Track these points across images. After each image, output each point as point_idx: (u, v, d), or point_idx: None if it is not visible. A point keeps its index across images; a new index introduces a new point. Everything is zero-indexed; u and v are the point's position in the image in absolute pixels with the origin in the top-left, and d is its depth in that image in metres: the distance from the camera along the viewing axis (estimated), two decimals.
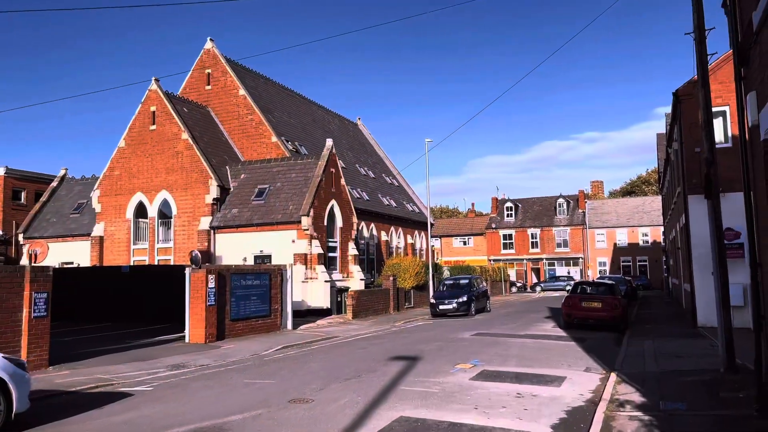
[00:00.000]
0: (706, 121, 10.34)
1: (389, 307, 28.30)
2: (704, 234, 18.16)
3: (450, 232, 72.87)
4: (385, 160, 49.50)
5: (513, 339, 16.65)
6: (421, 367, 11.77)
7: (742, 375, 9.59)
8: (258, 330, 18.96)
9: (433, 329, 20.33)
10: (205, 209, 27.24)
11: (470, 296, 26.72)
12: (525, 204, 70.31)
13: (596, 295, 19.37)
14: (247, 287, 18.56)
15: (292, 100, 39.25)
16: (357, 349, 15.28)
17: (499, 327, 20.45)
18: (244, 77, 33.73)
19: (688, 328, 18.28)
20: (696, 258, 18.14)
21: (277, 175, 27.77)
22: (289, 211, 25.84)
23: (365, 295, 26.24)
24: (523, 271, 66.61)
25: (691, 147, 18.31)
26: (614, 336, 17.61)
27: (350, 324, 22.92)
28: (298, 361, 13.16)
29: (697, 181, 18.16)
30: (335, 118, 45.40)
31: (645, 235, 63.31)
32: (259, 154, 30.89)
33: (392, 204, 41.62)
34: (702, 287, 17.99)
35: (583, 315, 18.94)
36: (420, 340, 16.72)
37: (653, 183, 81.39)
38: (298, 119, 37.46)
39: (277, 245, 25.62)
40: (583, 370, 11.52)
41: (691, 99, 18.44)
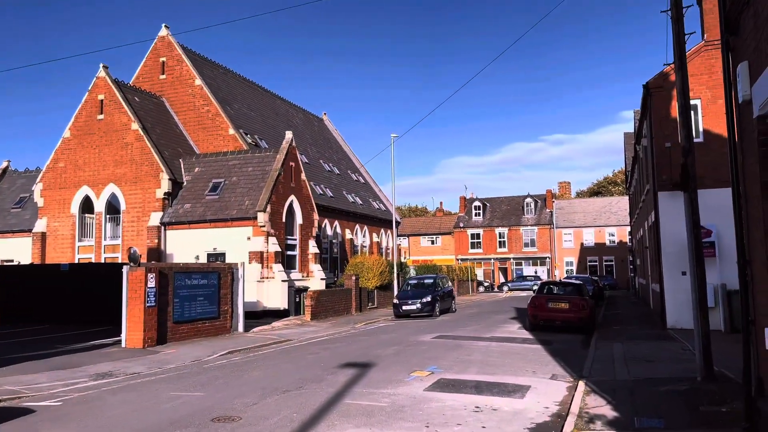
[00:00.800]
0: (683, 106, 9.48)
1: (351, 308, 27.16)
2: (674, 232, 17.50)
3: (418, 231, 72.05)
4: (352, 156, 48.31)
5: (476, 342, 15.68)
6: (373, 376, 10.66)
7: (722, 385, 8.74)
8: (205, 333, 17.61)
9: (393, 331, 19.26)
10: (155, 204, 25.67)
11: (435, 296, 25.77)
12: (493, 203, 69.89)
13: (563, 296, 18.56)
14: (192, 287, 17.19)
15: (253, 92, 37.77)
16: (308, 354, 14.10)
17: (463, 329, 19.49)
18: (201, 67, 32.16)
19: (658, 329, 17.59)
20: (666, 257, 17.47)
21: (233, 169, 26.36)
22: (244, 206, 24.47)
23: (325, 296, 25.04)
24: (491, 271, 66.15)
25: (661, 142, 17.63)
26: (582, 338, 16.81)
27: (308, 326, 21.71)
28: (240, 369, 11.92)
29: (668, 177, 17.49)
30: (299, 112, 44.03)
31: (611, 235, 63.45)
32: (215, 147, 29.39)
33: (358, 201, 40.46)
34: (672, 288, 17.33)
35: (549, 316, 18.10)
36: (378, 344, 15.63)
37: (620, 183, 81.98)
38: (259, 112, 36.01)
39: (232, 243, 24.24)
40: (549, 378, 10.57)
41: (661, 92, 17.77)
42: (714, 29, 17.02)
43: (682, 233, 17.58)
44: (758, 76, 5.55)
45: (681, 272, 17.21)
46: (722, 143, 17.12)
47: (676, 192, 17.38)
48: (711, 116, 17.25)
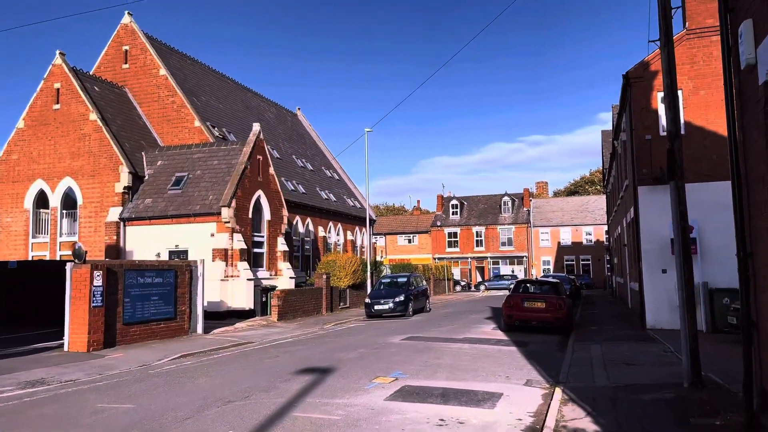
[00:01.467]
0: (670, 87, 8.66)
1: (321, 308, 26.11)
2: (654, 228, 16.82)
3: (395, 230, 71.17)
4: (326, 152, 47.18)
5: (448, 344, 14.78)
6: (331, 383, 9.67)
7: (711, 392, 7.92)
8: (160, 335, 16.44)
9: (362, 332, 18.28)
10: (114, 199, 24.33)
11: (408, 295, 24.86)
12: (470, 202, 69.30)
13: (539, 295, 17.76)
14: (146, 286, 16.01)
15: (223, 84, 36.46)
16: (267, 358, 13.05)
17: (436, 329, 18.60)
18: (167, 57, 30.80)
19: (637, 330, 16.88)
20: (645, 255, 16.77)
21: (197, 162, 25.12)
22: (208, 201, 23.27)
23: (294, 295, 23.96)
24: (468, 270, 65.53)
25: (641, 134, 16.93)
26: (558, 339, 16.02)
27: (273, 327, 20.62)
28: (187, 375, 10.84)
29: (648, 171, 16.80)
30: (272, 106, 42.78)
31: (588, 234, 63.27)
32: (180, 139, 28.09)
33: (331, 198, 39.39)
34: (651, 286, 16.63)
35: (525, 316, 17.29)
36: (343, 347, 14.63)
37: (597, 183, 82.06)
38: (228, 105, 34.73)
39: (195, 239, 23.02)
40: (523, 384, 9.69)
41: (642, 82, 17.06)
42: (697, 17, 16.37)
43: (663, 229, 16.92)
44: (765, 36, 4.70)
45: (661, 270, 16.55)
46: (704, 136, 16.47)
47: (657, 186, 16.71)
48: (693, 108, 16.59)
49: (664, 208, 16.59)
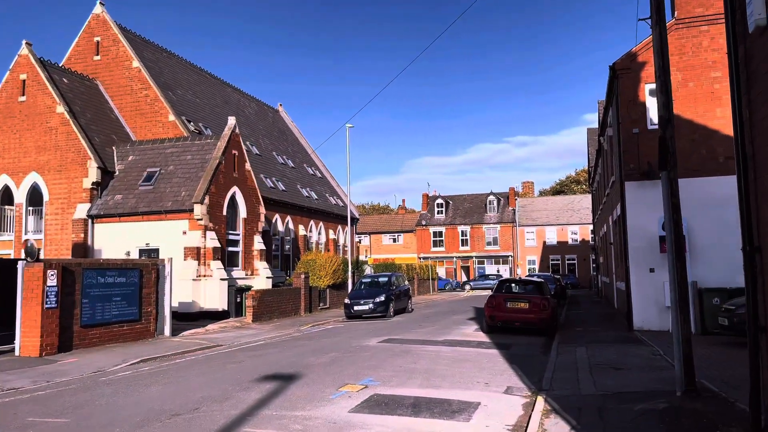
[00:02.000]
0: (662, 68, 7.95)
1: (300, 309, 25.25)
2: (642, 225, 16.18)
3: (380, 229, 70.38)
4: (309, 150, 46.27)
5: (426, 347, 14.02)
6: (294, 392, 8.85)
7: (706, 402, 7.22)
8: (123, 338, 15.51)
9: (339, 334, 17.47)
10: (82, 195, 23.27)
11: (389, 295, 24.08)
12: (456, 201, 68.72)
13: (523, 295, 17.06)
14: (107, 286, 15.07)
15: (201, 79, 35.43)
16: (231, 362, 12.20)
17: (416, 331, 17.84)
18: (141, 49, 29.74)
19: (624, 331, 16.23)
20: (632, 253, 16.12)
21: (170, 158, 24.14)
22: (180, 198, 22.31)
23: (270, 295, 23.07)
24: (453, 269, 64.93)
25: (628, 127, 16.28)
26: (542, 341, 15.33)
27: (247, 329, 19.74)
28: (140, 383, 9.96)
29: (635, 165, 16.16)
30: (253, 102, 41.79)
31: (574, 234, 62.94)
32: (154, 134, 27.08)
33: (313, 196, 38.50)
34: (639, 286, 15.99)
35: (508, 317, 16.58)
36: (316, 350, 13.81)
37: (582, 182, 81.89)
38: (206, 100, 33.73)
39: (167, 237, 22.06)
40: (502, 392, 8.94)
41: (629, 73, 16.42)
42: (686, 5, 15.76)
43: (651, 226, 16.30)
44: None
45: (649, 269, 15.93)
46: (693, 129, 15.85)
47: (645, 182, 16.08)
48: (681, 100, 15.95)
49: (652, 204, 15.98)
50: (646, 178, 15.89)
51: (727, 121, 15.59)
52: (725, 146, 15.49)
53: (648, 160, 15.81)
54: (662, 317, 15.70)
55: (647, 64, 16.22)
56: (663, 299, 15.62)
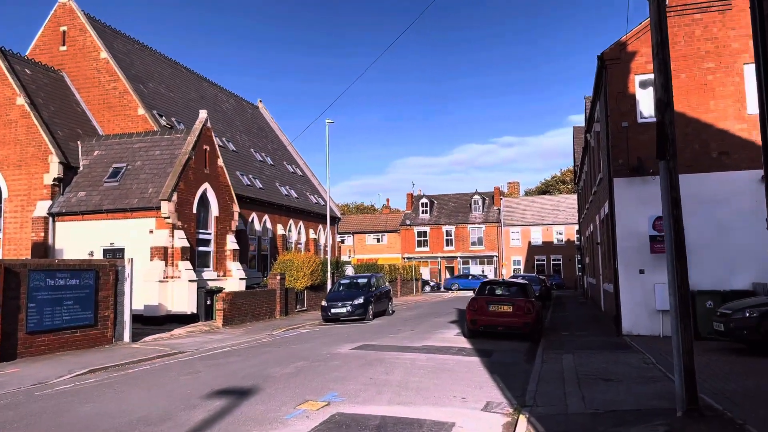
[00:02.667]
0: (660, 44, 7.04)
1: (275, 312, 24.15)
2: (631, 224, 15.34)
3: (363, 229, 69.34)
4: (289, 147, 45.11)
5: (403, 354, 13.03)
6: (246, 410, 7.82)
7: (711, 424, 6.30)
8: (77, 345, 14.35)
9: (312, 339, 16.44)
10: (43, 192, 22.01)
11: (368, 297, 23.09)
12: (440, 201, 67.91)
13: (506, 298, 16.13)
14: (58, 289, 13.91)
15: (176, 72, 34.15)
16: (186, 373, 11.12)
17: (394, 336, 16.85)
18: (111, 40, 28.45)
19: (612, 336, 15.37)
20: (621, 253, 15.27)
21: (137, 153, 22.93)
22: (147, 195, 21.14)
23: (242, 298, 21.95)
24: (438, 270, 64.08)
25: (617, 121, 15.42)
26: (527, 347, 14.43)
27: (216, 333, 18.63)
28: (76, 399, 8.86)
29: (624, 161, 15.31)
30: (231, 97, 40.56)
31: (559, 234, 62.39)
32: (122, 128, 25.83)
33: (293, 194, 37.38)
34: (628, 288, 15.14)
35: (490, 321, 15.66)
36: (282, 358, 12.77)
37: (568, 182, 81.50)
38: (181, 94, 32.47)
39: (132, 237, 20.87)
40: (481, 408, 7.99)
41: (618, 64, 15.56)
42: None
43: (641, 225, 15.45)
44: None
45: (639, 270, 15.08)
46: (685, 123, 15.04)
47: (634, 178, 15.24)
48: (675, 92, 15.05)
49: (643, 201, 15.15)
50: (635, 174, 15.05)
51: (720, 114, 14.80)
52: (719, 141, 14.70)
53: (638, 155, 14.97)
54: (652, 321, 14.88)
55: (637, 54, 15.39)
56: (653, 302, 14.79)
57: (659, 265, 14.78)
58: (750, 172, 14.41)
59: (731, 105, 14.79)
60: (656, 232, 14.56)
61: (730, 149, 14.66)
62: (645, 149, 15.06)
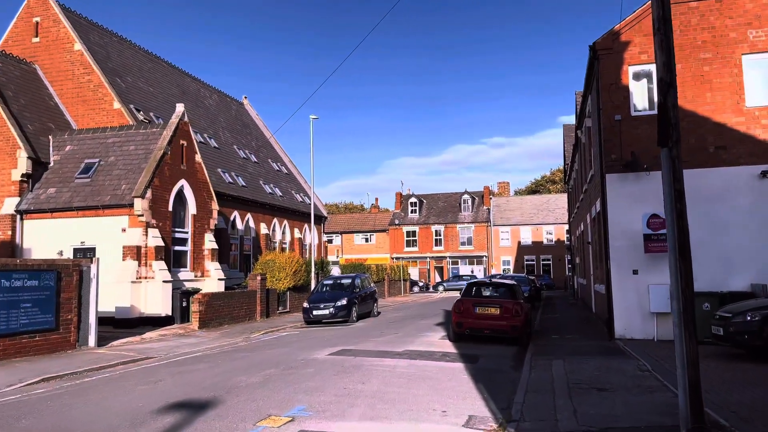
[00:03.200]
0: (662, 19, 6.29)
1: (255, 313, 23.27)
2: (625, 222, 14.61)
3: (351, 229, 68.49)
4: (275, 145, 44.17)
5: (383, 360, 12.23)
6: (199, 427, 6.98)
7: None
8: (36, 350, 13.42)
9: (289, 344, 15.60)
10: (11, 188, 21.00)
11: (352, 299, 22.28)
12: (429, 200, 67.19)
13: (494, 299, 15.36)
14: (15, 290, 12.98)
15: (156, 67, 33.13)
16: (145, 383, 10.24)
17: (376, 339, 16.05)
18: (86, 32, 27.43)
19: (604, 340, 14.65)
20: (614, 253, 14.54)
21: (111, 148, 21.97)
22: (121, 191, 20.19)
23: (220, 299, 21.05)
24: (427, 270, 63.37)
25: (610, 114, 14.70)
26: (514, 351, 13.68)
27: (190, 336, 17.75)
28: (16, 413, 7.97)
29: (617, 156, 14.59)
30: (214, 93, 39.57)
31: (549, 234, 61.84)
32: (97, 123, 24.84)
33: (277, 193, 36.47)
34: (621, 290, 14.42)
35: (476, 324, 14.89)
36: (252, 365, 11.92)
37: (558, 182, 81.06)
38: (161, 89, 31.47)
39: (104, 235, 19.92)
40: (462, 424, 7.21)
41: (611, 54, 14.85)
42: None
43: (634, 224, 14.73)
44: None
45: (632, 271, 14.37)
46: (682, 116, 14.31)
47: (627, 174, 14.52)
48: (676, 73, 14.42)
49: (637, 198, 14.43)
50: (629, 170, 14.33)
51: (717, 107, 14.12)
52: (716, 135, 14.01)
53: (632, 149, 14.26)
54: (646, 324, 14.17)
55: (631, 44, 14.67)
56: (647, 304, 14.08)
57: (654, 266, 14.10)
58: (749, 167, 13.74)
59: (729, 97, 14.11)
60: (651, 231, 13.86)
61: (728, 144, 13.97)
62: (639, 144, 14.36)
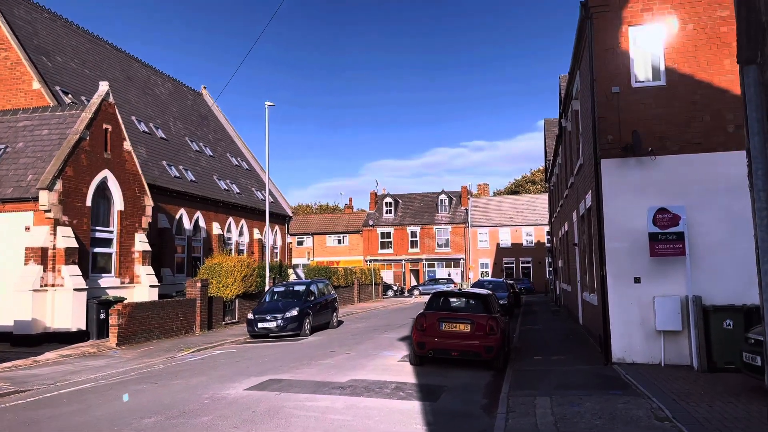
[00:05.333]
0: None
1: (194, 325, 20.16)
2: (625, 219, 11.82)
3: (324, 230, 65.38)
4: (237, 140, 41.01)
5: (315, 398, 9.30)
6: None
7: None
8: None
9: (212, 368, 12.59)
10: None
11: (304, 309, 19.34)
12: (405, 200, 64.40)
13: (463, 314, 12.50)
14: None
15: (96, 49, 29.75)
16: None
17: (320, 362, 13.12)
18: (10, 5, 24.06)
19: (599, 363, 11.88)
20: (611, 256, 11.78)
21: (21, 132, 18.74)
22: (26, 183, 17.01)
23: (147, 310, 17.90)
24: (402, 273, 60.54)
25: (606, 85, 11.95)
26: (488, 380, 10.88)
27: (100, 357, 14.63)
28: None
29: (615, 137, 11.87)
30: (168, 81, 36.26)
31: (529, 235, 59.41)
32: (14, 105, 21.54)
33: (234, 189, 33.32)
34: (619, 302, 11.66)
35: (442, 344, 12.04)
36: (139, 407, 8.90)
37: (538, 182, 78.87)
38: (100, 72, 28.13)
39: (5, 235, 16.73)
40: None
41: (606, 13, 12.15)
42: None
43: (637, 220, 11.84)
44: None
45: (633, 278, 11.62)
46: (693, 88, 11.62)
47: (628, 159, 11.76)
48: (677, 49, 11.73)
49: (639, 189, 11.66)
50: (630, 154, 11.59)
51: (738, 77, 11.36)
52: (737, 110, 11.32)
53: (635, 128, 11.52)
54: (651, 345, 11.43)
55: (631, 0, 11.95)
56: (652, 320, 11.35)
57: (660, 272, 11.38)
58: None
59: None
60: (658, 229, 11.12)
61: None
62: (642, 122, 11.64)
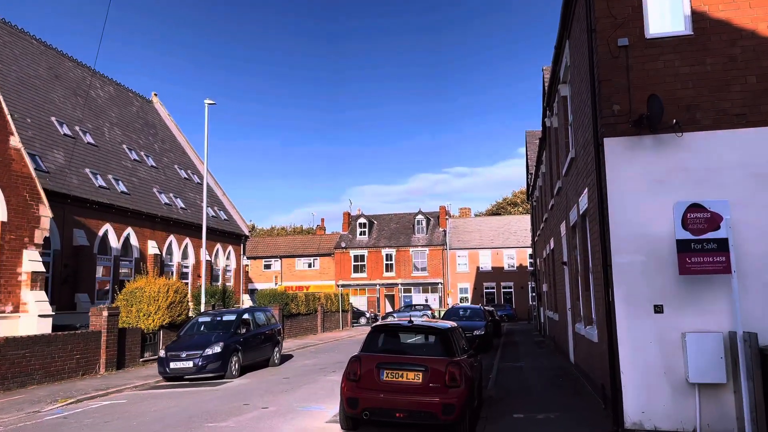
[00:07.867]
0: None
1: (99, 364, 16.28)
2: (638, 220, 8.07)
3: (293, 252, 61.44)
4: (191, 152, 37.33)
5: None
6: None
7: None
8: None
9: None
10: None
11: (231, 344, 15.60)
12: (381, 221, 60.91)
13: (413, 357, 8.82)
14: None
15: (17, 42, 26.01)
16: None
17: (212, 425, 9.40)
18: None
19: (605, 427, 8.30)
20: (620, 275, 8.28)
21: None
22: None
23: (23, 347, 13.98)
24: (376, 299, 56.70)
25: (610, 38, 8.61)
26: None
27: None
28: None
29: (624, 108, 8.49)
30: (110, 85, 32.61)
31: (511, 258, 56.08)
32: None
33: (178, 204, 29.54)
34: (633, 340, 8.13)
35: (383, 402, 8.37)
36: None
37: (520, 204, 76.02)
38: (17, 68, 24.44)
39: None
40: None
41: None
42: None
43: (656, 222, 7.11)
44: None
45: (653, 306, 8.12)
46: (730, 39, 8.30)
47: (642, 138, 8.30)
48: None
49: (659, 178, 8.06)
50: (646, 129, 8.21)
51: None
52: None
53: (651, 92, 8.16)
54: (680, 404, 7.85)
55: None
56: (681, 367, 7.82)
57: (694, 297, 7.93)
58: None
59: None
60: (689, 234, 7.66)
61: None
62: (661, 86, 8.31)
